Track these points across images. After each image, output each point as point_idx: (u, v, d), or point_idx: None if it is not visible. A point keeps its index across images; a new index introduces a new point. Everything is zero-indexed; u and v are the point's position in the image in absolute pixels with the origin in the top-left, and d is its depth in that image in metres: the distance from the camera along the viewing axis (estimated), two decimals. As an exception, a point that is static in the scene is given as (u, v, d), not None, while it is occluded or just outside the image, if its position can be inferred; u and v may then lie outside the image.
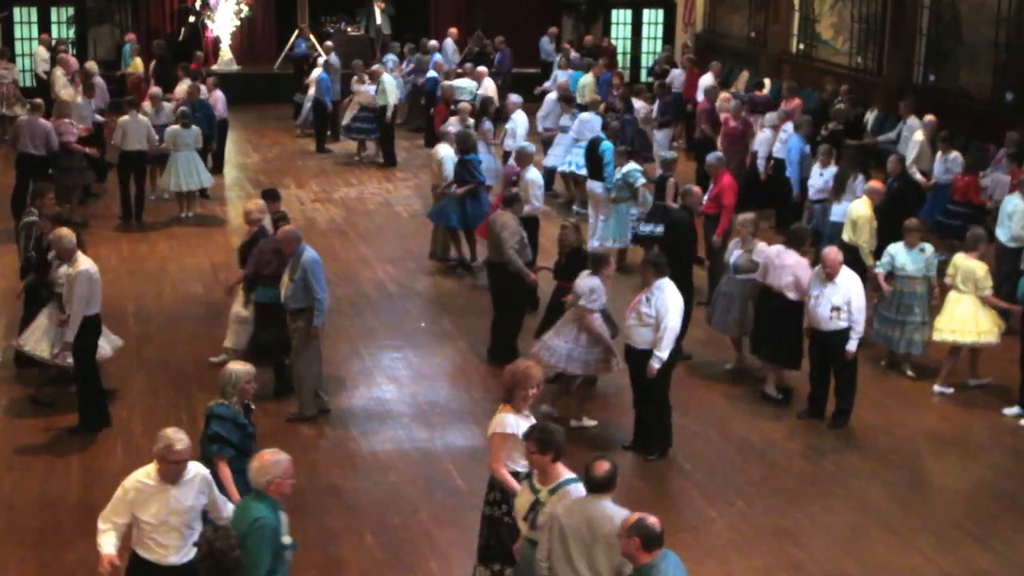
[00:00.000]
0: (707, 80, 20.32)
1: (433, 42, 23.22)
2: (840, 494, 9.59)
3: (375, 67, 20.63)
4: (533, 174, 13.67)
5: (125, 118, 16.48)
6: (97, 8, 25.79)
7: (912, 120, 16.88)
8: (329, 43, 23.01)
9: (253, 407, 7.86)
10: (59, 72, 20.51)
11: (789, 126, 16.39)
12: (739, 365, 11.93)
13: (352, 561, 8.47)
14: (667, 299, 9.66)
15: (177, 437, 6.49)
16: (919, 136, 15.90)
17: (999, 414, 11.08)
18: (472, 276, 14.57)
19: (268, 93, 24.65)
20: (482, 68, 21.22)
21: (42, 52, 22.76)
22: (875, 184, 12.95)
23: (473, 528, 8.70)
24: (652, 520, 5.94)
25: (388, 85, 19.90)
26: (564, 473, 6.73)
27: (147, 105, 17.71)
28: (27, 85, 23.88)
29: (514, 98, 17.85)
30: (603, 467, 6.38)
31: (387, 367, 11.97)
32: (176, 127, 16.67)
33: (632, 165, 14.59)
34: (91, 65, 20.93)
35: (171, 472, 6.50)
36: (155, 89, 18.01)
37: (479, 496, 9.11)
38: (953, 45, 19.30)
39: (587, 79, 20.62)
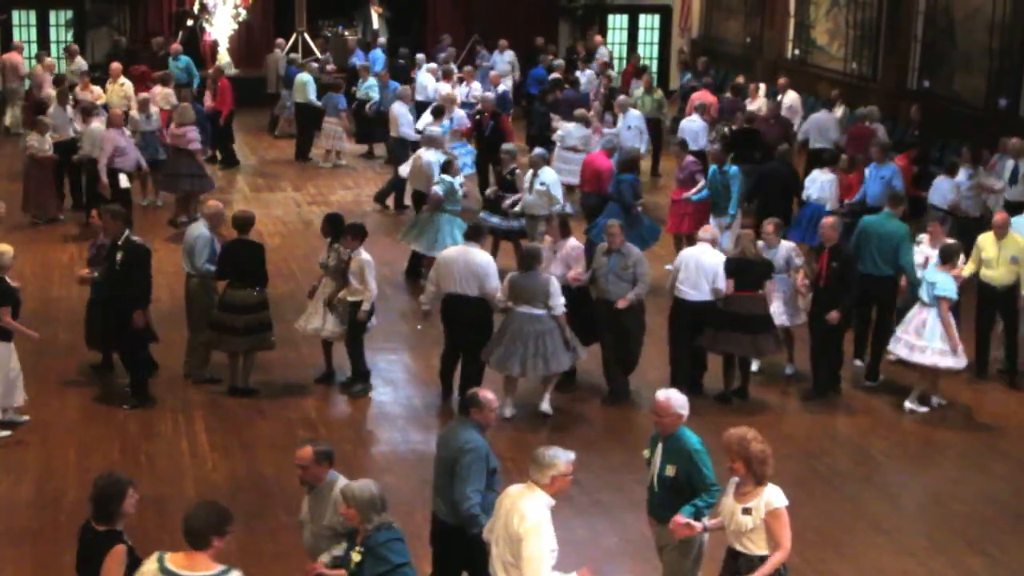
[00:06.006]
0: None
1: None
2: (833, 497, 9.63)
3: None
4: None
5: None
6: (95, 11, 25.80)
7: None
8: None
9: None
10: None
11: None
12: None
13: (347, 562, 8.46)
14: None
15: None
16: None
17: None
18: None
19: (266, 97, 24.65)
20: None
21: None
22: None
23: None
24: None
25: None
26: None
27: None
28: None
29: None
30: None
31: (383, 369, 11.99)
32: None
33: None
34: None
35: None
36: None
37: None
38: (947, 51, 19.37)
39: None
